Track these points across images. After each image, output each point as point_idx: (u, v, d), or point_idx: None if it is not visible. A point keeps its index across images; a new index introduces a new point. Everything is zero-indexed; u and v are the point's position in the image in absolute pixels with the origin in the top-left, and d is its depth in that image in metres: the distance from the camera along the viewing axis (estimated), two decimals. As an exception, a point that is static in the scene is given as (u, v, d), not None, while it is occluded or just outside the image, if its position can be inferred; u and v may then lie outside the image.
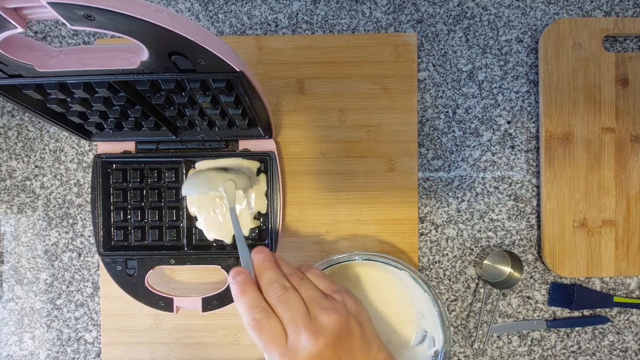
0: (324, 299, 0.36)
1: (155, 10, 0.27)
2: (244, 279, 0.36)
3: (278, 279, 0.36)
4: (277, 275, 0.37)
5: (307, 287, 0.37)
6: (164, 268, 0.53)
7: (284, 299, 0.35)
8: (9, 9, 0.26)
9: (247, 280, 0.36)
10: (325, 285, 0.38)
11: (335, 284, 0.39)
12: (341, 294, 0.37)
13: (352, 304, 0.37)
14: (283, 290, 0.35)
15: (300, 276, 0.38)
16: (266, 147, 0.50)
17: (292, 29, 0.54)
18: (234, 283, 0.36)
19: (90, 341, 0.55)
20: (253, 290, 0.36)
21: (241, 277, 0.36)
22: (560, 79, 0.52)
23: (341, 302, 0.37)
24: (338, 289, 0.38)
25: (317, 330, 0.34)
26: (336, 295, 0.37)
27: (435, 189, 0.53)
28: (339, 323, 0.35)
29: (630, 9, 0.53)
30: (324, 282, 0.38)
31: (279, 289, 0.35)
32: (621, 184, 0.52)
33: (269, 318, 0.34)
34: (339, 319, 0.35)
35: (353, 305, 0.37)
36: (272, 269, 0.37)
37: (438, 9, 0.54)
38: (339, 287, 0.38)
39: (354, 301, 0.38)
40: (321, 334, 0.34)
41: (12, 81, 0.35)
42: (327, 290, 0.38)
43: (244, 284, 0.36)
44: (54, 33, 0.55)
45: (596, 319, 0.53)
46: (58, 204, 0.55)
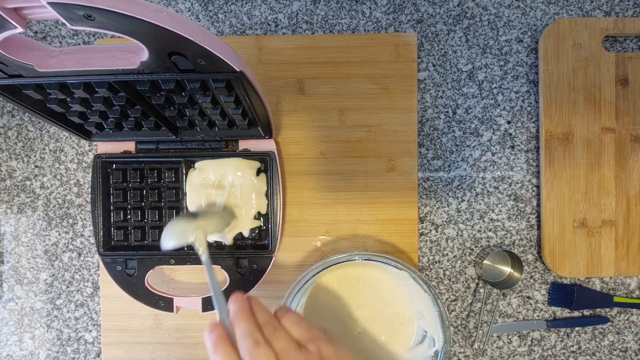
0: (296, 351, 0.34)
1: (155, 10, 0.27)
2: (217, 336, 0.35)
3: (250, 332, 0.35)
4: (250, 327, 0.35)
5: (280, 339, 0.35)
6: (164, 268, 0.53)
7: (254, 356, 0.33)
8: (9, 9, 0.26)
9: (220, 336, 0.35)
10: (300, 332, 0.36)
11: (311, 329, 0.37)
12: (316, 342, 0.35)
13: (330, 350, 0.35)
14: (254, 345, 0.34)
15: (275, 326, 0.36)
16: (266, 147, 0.50)
17: (292, 29, 0.54)
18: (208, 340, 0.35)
19: (90, 341, 0.55)
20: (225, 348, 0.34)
21: (215, 334, 0.35)
22: (560, 79, 0.52)
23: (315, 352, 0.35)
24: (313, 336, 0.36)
25: None
26: (310, 345, 0.35)
27: (435, 189, 0.53)
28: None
29: (630, 9, 0.53)
30: (298, 330, 0.36)
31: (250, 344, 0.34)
32: (621, 184, 0.52)
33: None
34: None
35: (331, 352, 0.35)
36: (245, 320, 0.35)
37: (438, 9, 0.54)
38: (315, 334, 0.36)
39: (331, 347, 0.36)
40: None
41: (12, 81, 0.35)
42: (302, 339, 0.35)
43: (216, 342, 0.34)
44: (54, 33, 0.55)
45: (596, 319, 0.53)
46: (58, 204, 0.55)
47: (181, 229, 0.43)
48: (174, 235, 0.42)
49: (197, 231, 0.42)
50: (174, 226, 0.43)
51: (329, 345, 0.36)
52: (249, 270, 0.50)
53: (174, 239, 0.42)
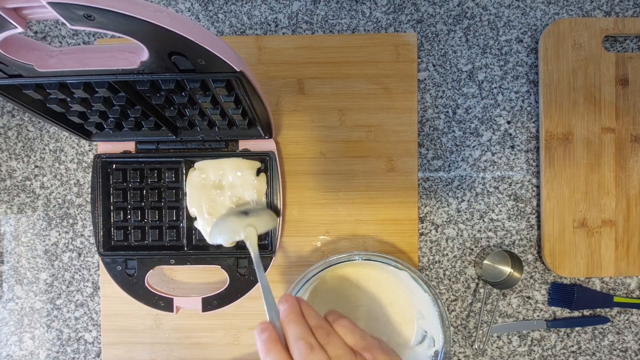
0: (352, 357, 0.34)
1: (155, 10, 0.27)
2: (268, 337, 0.34)
3: (304, 335, 0.34)
4: (303, 331, 0.34)
5: (335, 345, 0.34)
6: (164, 268, 0.53)
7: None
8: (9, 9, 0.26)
9: (272, 338, 0.34)
10: (355, 340, 0.35)
11: (366, 337, 0.36)
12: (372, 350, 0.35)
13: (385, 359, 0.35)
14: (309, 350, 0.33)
15: (328, 330, 0.35)
16: (266, 147, 0.50)
17: (292, 29, 0.54)
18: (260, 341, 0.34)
19: (90, 341, 0.55)
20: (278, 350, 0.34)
21: (266, 334, 0.34)
22: (560, 79, 0.52)
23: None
24: (369, 345, 0.35)
25: None
26: (366, 353, 0.34)
27: (435, 189, 0.53)
28: None
29: (630, 9, 0.53)
30: (353, 337, 0.35)
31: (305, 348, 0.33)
32: (621, 184, 0.52)
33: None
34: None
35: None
36: (297, 322, 0.35)
37: (438, 9, 0.54)
38: (369, 342, 0.36)
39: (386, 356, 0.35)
40: None
41: (12, 81, 0.35)
42: (357, 347, 0.35)
43: (268, 343, 0.34)
44: (54, 33, 0.55)
45: (596, 319, 0.53)
46: (58, 204, 0.55)
47: (233, 225, 0.43)
48: (225, 231, 0.43)
49: (249, 228, 0.43)
50: (225, 222, 0.44)
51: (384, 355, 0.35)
52: (249, 270, 0.50)
53: (225, 235, 0.43)
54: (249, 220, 0.43)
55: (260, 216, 0.46)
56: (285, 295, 0.37)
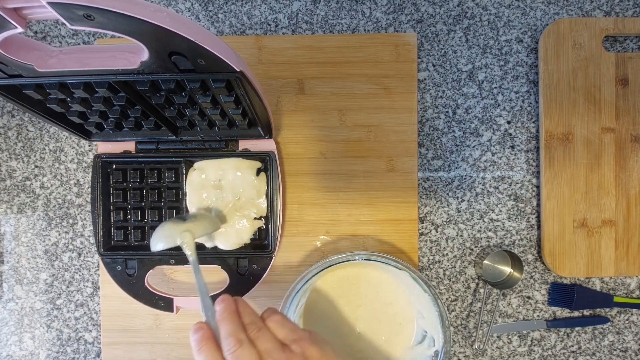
0: (279, 351, 0.34)
1: (155, 10, 0.27)
2: (201, 335, 0.35)
3: (234, 332, 0.34)
4: (234, 328, 0.35)
5: (264, 339, 0.35)
6: (164, 268, 0.53)
7: (236, 356, 0.33)
8: (9, 9, 0.26)
9: (204, 336, 0.35)
10: (285, 333, 0.36)
11: (296, 330, 0.37)
12: (301, 343, 0.35)
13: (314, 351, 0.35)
14: (237, 345, 0.33)
15: (259, 326, 0.36)
16: (266, 147, 0.50)
17: (292, 29, 0.54)
18: (192, 340, 0.35)
19: (90, 341, 0.55)
20: (209, 347, 0.34)
21: (199, 334, 0.35)
22: (560, 79, 0.52)
23: (299, 353, 0.34)
24: (298, 337, 0.36)
25: None
26: (294, 345, 0.35)
27: (435, 189, 0.53)
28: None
29: (630, 9, 0.53)
30: (283, 331, 0.36)
31: (234, 344, 0.34)
32: (621, 184, 0.52)
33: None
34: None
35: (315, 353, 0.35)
36: (230, 320, 0.36)
37: (438, 9, 0.54)
38: (300, 335, 0.36)
39: (316, 349, 0.35)
40: None
41: (12, 81, 0.35)
42: (287, 340, 0.35)
43: (201, 341, 0.35)
44: (54, 33, 0.55)
45: (596, 319, 0.53)
46: (58, 204, 0.55)
47: (169, 232, 0.44)
48: (162, 237, 0.44)
49: (185, 233, 0.43)
50: (162, 229, 0.45)
51: (313, 347, 0.35)
52: (249, 270, 0.50)
53: (162, 242, 0.44)
54: (186, 226, 0.44)
55: (198, 221, 0.46)
56: (223, 296, 0.38)
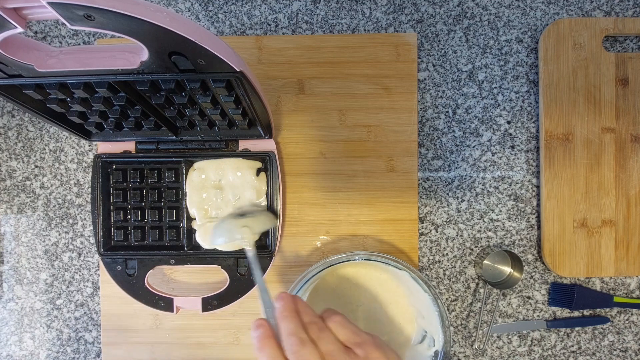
0: (342, 354, 0.33)
1: (155, 10, 0.27)
2: (262, 333, 0.35)
3: (296, 331, 0.34)
4: (296, 327, 0.34)
5: (326, 341, 0.34)
6: (164, 268, 0.53)
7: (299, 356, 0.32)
8: (9, 9, 0.26)
9: (266, 334, 0.35)
10: (347, 336, 0.35)
11: (359, 333, 0.36)
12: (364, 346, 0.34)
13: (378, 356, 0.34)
14: (300, 345, 0.33)
15: (320, 326, 0.35)
16: (266, 147, 0.50)
17: (292, 29, 0.54)
18: (254, 337, 0.35)
19: (90, 341, 0.55)
20: (271, 345, 0.34)
21: (260, 331, 0.35)
22: (560, 79, 0.52)
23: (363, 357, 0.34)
24: (361, 341, 0.35)
25: None
26: (358, 349, 0.34)
27: (435, 189, 0.53)
28: None
29: (630, 9, 0.53)
30: (345, 332, 0.35)
31: (296, 343, 0.33)
32: (621, 184, 0.52)
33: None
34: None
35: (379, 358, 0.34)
36: (291, 318, 0.35)
37: (438, 9, 0.54)
38: (362, 338, 0.35)
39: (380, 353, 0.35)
40: None
41: (12, 81, 0.35)
42: (349, 342, 0.35)
43: (263, 339, 0.34)
44: (54, 33, 0.55)
45: (596, 319, 0.53)
46: (58, 204, 0.55)
47: (229, 226, 0.45)
48: (223, 231, 0.45)
49: (244, 229, 0.45)
50: (223, 224, 0.46)
51: (377, 351, 0.35)
52: (249, 270, 0.50)
53: (224, 236, 0.45)
54: (245, 221, 0.45)
55: (256, 217, 0.47)
56: (282, 293, 0.37)
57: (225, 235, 0.45)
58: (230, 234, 0.45)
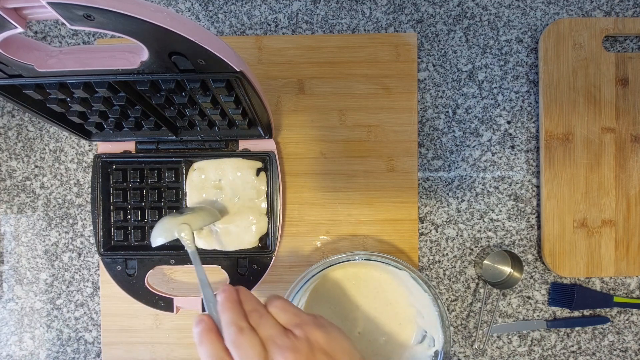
0: (282, 336, 0.33)
1: (155, 10, 0.27)
2: (203, 327, 0.34)
3: (235, 320, 0.34)
4: (235, 316, 0.34)
5: (266, 326, 0.34)
6: (164, 268, 0.53)
7: (238, 343, 0.32)
8: (9, 9, 0.26)
9: (206, 328, 0.34)
10: (287, 318, 0.35)
11: (299, 315, 0.35)
12: (303, 327, 0.34)
13: (319, 335, 0.34)
14: (239, 333, 0.33)
15: (261, 312, 0.35)
16: (266, 147, 0.50)
17: (292, 29, 0.54)
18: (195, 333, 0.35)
19: (90, 341, 0.55)
20: (210, 338, 0.34)
21: (200, 326, 0.35)
22: (560, 79, 0.52)
23: (303, 337, 0.33)
24: (301, 322, 0.34)
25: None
26: (297, 330, 0.34)
27: (435, 189, 0.53)
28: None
29: (630, 9, 0.53)
30: (285, 316, 0.35)
31: (235, 332, 0.33)
32: (621, 184, 0.52)
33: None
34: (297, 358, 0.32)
35: (320, 337, 0.34)
36: (230, 309, 0.35)
37: (438, 9, 0.54)
38: (302, 319, 0.35)
39: (322, 331, 0.34)
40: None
41: (12, 81, 0.35)
42: (289, 324, 0.34)
43: (202, 333, 0.34)
44: (54, 33, 0.55)
45: (596, 319, 0.53)
46: (58, 204, 0.55)
47: (168, 225, 0.45)
48: (161, 231, 0.44)
49: (183, 225, 0.44)
50: (161, 224, 0.45)
51: (318, 331, 0.34)
52: (249, 270, 0.50)
53: (161, 236, 0.44)
54: (183, 218, 0.45)
55: (196, 213, 0.47)
56: (224, 286, 0.37)
57: (163, 235, 0.44)
58: (168, 232, 0.44)
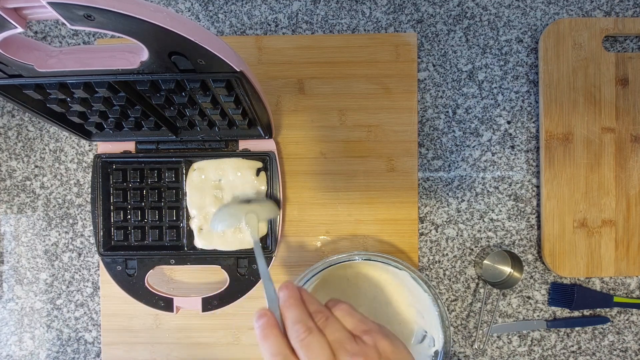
0: (351, 341, 0.33)
1: (155, 10, 0.27)
2: (266, 322, 0.34)
3: (302, 319, 0.33)
4: (301, 315, 0.33)
5: (334, 329, 0.33)
6: (164, 268, 0.53)
7: (306, 343, 0.32)
8: (9, 9, 0.26)
9: (270, 323, 0.34)
10: (354, 324, 0.34)
11: (366, 322, 0.35)
12: (372, 334, 0.34)
13: (386, 345, 0.33)
14: (307, 333, 0.32)
15: (327, 315, 0.34)
16: (266, 147, 0.50)
17: (292, 29, 0.54)
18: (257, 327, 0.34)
19: (90, 341, 0.55)
20: (275, 334, 0.33)
21: (264, 320, 0.34)
22: (560, 79, 0.52)
23: (372, 345, 0.33)
24: (369, 329, 0.34)
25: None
26: (366, 337, 0.33)
27: (435, 189, 0.53)
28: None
29: (630, 9, 0.53)
30: (352, 321, 0.35)
31: (302, 331, 0.32)
32: (621, 184, 0.52)
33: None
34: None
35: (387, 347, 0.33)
36: (296, 306, 0.34)
37: (438, 9, 0.54)
38: (370, 326, 0.35)
39: (388, 341, 0.34)
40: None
41: (12, 81, 0.35)
42: (357, 331, 0.34)
43: (266, 328, 0.33)
44: (54, 33, 0.55)
45: (596, 319, 0.53)
46: (58, 204, 0.55)
47: (234, 211, 0.44)
48: (227, 216, 0.44)
49: (250, 214, 0.44)
50: (227, 209, 0.45)
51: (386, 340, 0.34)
52: (249, 270, 0.50)
53: (227, 221, 0.44)
54: (251, 207, 0.45)
55: (262, 204, 0.47)
56: (286, 283, 0.36)
57: (228, 220, 0.43)
58: (233, 219, 0.43)
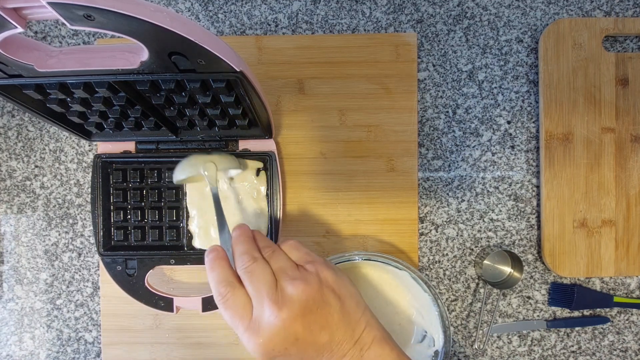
0: (293, 269, 0.34)
1: (155, 10, 0.27)
2: (215, 255, 0.36)
3: (249, 251, 0.35)
4: (249, 247, 0.35)
5: (278, 259, 0.35)
6: (164, 268, 0.53)
7: (250, 270, 0.33)
8: (9, 9, 0.26)
9: (218, 256, 0.35)
10: (299, 256, 0.36)
11: (311, 255, 0.37)
12: (315, 264, 0.35)
13: (329, 274, 0.35)
14: (251, 262, 0.34)
15: (274, 248, 0.36)
16: (266, 147, 0.50)
17: (292, 29, 0.54)
18: (207, 261, 0.36)
19: (90, 341, 0.55)
20: (221, 265, 0.35)
21: (213, 254, 0.36)
22: (560, 79, 0.52)
23: (314, 272, 0.34)
24: (312, 260, 0.36)
25: (281, 300, 0.32)
26: (309, 265, 0.35)
27: (435, 189, 0.53)
28: (307, 294, 0.33)
29: (630, 9, 0.53)
30: (297, 253, 0.36)
31: (247, 259, 0.34)
32: (621, 184, 0.52)
33: (234, 291, 0.33)
34: (307, 289, 0.33)
35: (330, 276, 0.35)
36: (246, 242, 0.36)
37: (438, 9, 0.54)
38: (314, 258, 0.36)
39: (331, 272, 0.35)
40: (285, 304, 0.32)
41: (12, 81, 0.35)
42: (300, 261, 0.36)
43: (214, 260, 0.35)
44: (54, 33, 0.55)
45: (596, 319, 0.53)
46: (58, 204, 0.55)
47: (194, 161, 0.46)
48: (186, 166, 0.45)
49: (209, 164, 0.45)
50: (187, 159, 0.46)
51: (329, 270, 0.35)
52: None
53: (186, 170, 0.45)
54: (210, 157, 0.46)
55: (222, 155, 0.47)
56: (240, 224, 0.38)
57: (188, 169, 0.44)
58: (193, 168, 0.45)
